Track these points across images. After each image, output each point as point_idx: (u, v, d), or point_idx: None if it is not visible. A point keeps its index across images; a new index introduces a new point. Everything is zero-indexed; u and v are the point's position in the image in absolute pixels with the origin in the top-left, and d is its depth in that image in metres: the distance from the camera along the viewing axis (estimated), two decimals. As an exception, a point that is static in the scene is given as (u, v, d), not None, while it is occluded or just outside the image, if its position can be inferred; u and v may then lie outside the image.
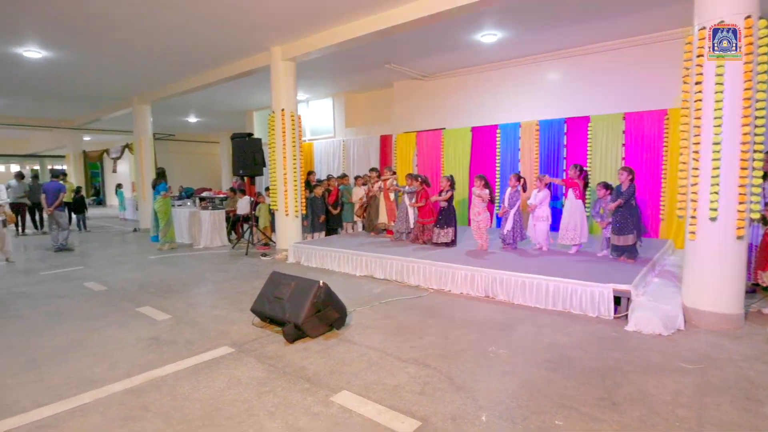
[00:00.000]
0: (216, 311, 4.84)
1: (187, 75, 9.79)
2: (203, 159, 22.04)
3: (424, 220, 7.07)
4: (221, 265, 7.33)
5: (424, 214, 7.10)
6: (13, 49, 7.63)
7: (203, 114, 15.48)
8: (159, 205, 8.88)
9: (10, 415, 2.80)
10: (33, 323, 4.56)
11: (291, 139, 7.74)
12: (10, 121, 15.17)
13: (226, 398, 2.96)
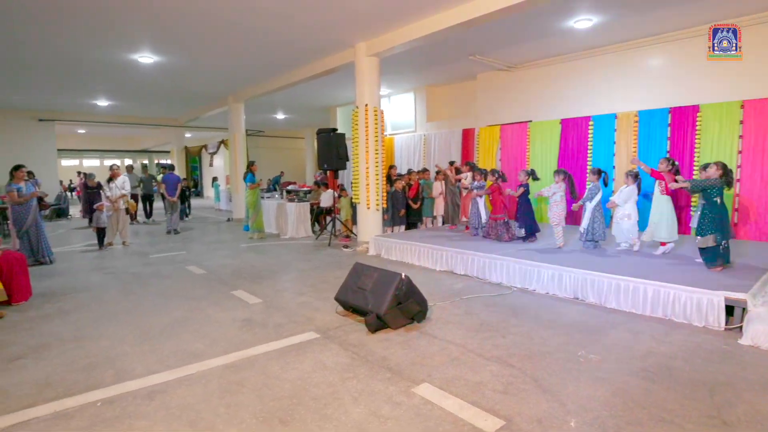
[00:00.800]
0: (302, 298, 5.08)
1: (277, 74, 10.33)
2: (289, 153, 23.19)
3: (496, 216, 6.93)
4: (305, 254, 7.68)
5: (496, 210, 6.94)
6: (131, 56, 8.55)
7: (290, 111, 16.27)
8: (246, 196, 9.51)
9: (129, 379, 3.16)
10: (145, 300, 5.10)
11: (374, 134, 7.88)
12: (125, 120, 17.10)
13: (313, 380, 3.10)
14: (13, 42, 7.61)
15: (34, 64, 9.13)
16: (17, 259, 5.12)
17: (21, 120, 14.71)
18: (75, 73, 9.97)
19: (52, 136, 15.66)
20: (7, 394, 2.96)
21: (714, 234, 4.80)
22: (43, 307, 4.85)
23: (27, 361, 3.48)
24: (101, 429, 2.55)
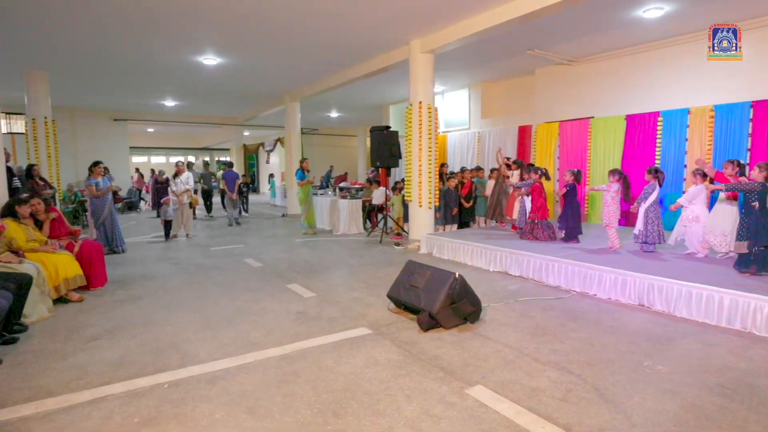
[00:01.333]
0: (354, 293, 5.13)
1: (331, 73, 10.50)
2: (341, 151, 23.55)
3: (534, 215, 6.74)
4: (357, 251, 7.76)
5: (535, 209, 6.75)
6: (197, 58, 9.00)
7: (343, 109, 16.52)
8: (297, 192, 9.74)
9: (193, 364, 3.33)
10: (206, 290, 5.36)
11: (427, 132, 7.82)
12: (189, 120, 18.06)
13: (365, 376, 3.12)
14: (94, 50, 8.23)
15: (112, 69, 9.83)
16: (95, 248, 5.53)
17: (99, 120, 15.91)
18: (147, 76, 10.64)
19: (125, 135, 16.83)
20: (87, 371, 3.21)
21: (749, 240, 4.53)
22: (116, 293, 5.21)
23: (103, 342, 3.75)
24: (168, 409, 2.69)
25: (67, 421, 2.59)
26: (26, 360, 3.41)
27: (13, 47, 7.64)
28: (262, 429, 2.51)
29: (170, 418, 2.60)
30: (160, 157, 31.09)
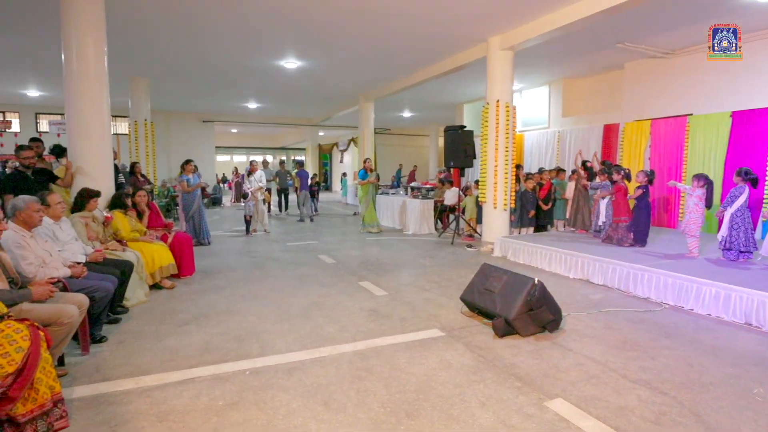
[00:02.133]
0: (425, 294, 5.08)
1: (406, 73, 10.52)
2: (413, 151, 23.56)
3: (619, 219, 6.29)
4: (429, 251, 7.70)
5: (619, 212, 6.31)
6: (278, 62, 9.42)
7: (416, 109, 16.50)
8: (358, 191, 9.85)
9: (271, 353, 3.47)
10: (283, 283, 5.57)
11: (504, 131, 7.57)
12: (269, 120, 18.99)
13: (438, 378, 3.06)
14: (189, 57, 8.91)
15: (203, 75, 10.59)
16: (186, 240, 5.97)
17: (189, 121, 17.22)
18: (233, 80, 11.33)
19: (212, 135, 18.08)
20: (177, 354, 3.45)
21: None
22: (203, 282, 5.59)
23: (191, 327, 4.03)
24: (250, 395, 2.82)
25: (161, 397, 2.80)
26: (127, 339, 3.74)
27: (121, 56, 8.46)
28: (337, 422, 2.54)
29: (251, 403, 2.72)
30: (241, 156, 33.04)
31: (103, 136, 5.48)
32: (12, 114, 14.71)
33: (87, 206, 4.73)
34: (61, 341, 2.91)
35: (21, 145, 5.69)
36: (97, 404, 2.71)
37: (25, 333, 2.33)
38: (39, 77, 10.99)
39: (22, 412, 2.22)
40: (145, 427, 2.48)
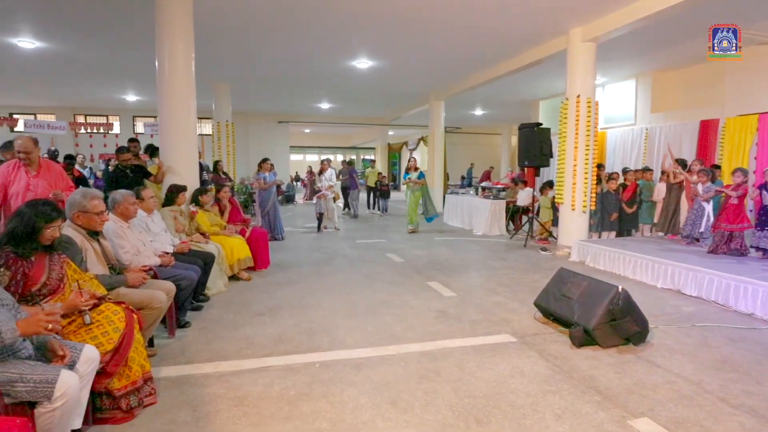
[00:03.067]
0: (496, 297, 4.91)
1: (479, 70, 10.26)
2: (484, 150, 23.02)
3: (730, 226, 5.56)
4: (499, 253, 7.45)
5: (729, 217, 5.57)
6: (351, 62, 9.58)
7: (488, 106, 16.08)
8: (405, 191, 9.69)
9: (340, 348, 3.51)
10: (352, 279, 5.65)
11: (585, 128, 7.13)
12: (340, 120, 19.44)
13: (510, 386, 2.93)
14: (267, 61, 9.34)
15: (280, 77, 11.07)
16: (261, 234, 6.26)
17: (266, 122, 18.08)
18: (308, 82, 11.73)
19: (287, 135, 18.85)
20: (252, 342, 3.61)
21: None
22: (276, 276, 5.81)
23: (265, 318, 4.20)
24: (319, 388, 2.87)
25: (237, 383, 2.93)
26: (208, 326, 3.98)
27: (206, 63, 9.04)
28: (404, 422, 2.51)
29: (320, 396, 2.77)
30: (313, 155, 34.19)
31: (190, 137, 5.89)
32: (114, 117, 16.32)
33: (176, 201, 5.10)
34: (151, 324, 3.15)
35: (120, 147, 6.29)
36: (181, 384, 2.90)
37: (122, 315, 2.54)
38: (136, 84, 12.10)
39: (117, 386, 2.42)
40: (222, 410, 2.61)
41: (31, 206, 2.41)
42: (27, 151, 3.88)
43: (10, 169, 3.94)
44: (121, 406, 2.44)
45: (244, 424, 2.47)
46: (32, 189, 3.88)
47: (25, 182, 3.90)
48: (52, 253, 2.47)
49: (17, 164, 3.96)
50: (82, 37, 7.82)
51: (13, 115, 13.90)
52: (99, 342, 2.35)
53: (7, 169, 3.94)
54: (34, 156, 3.95)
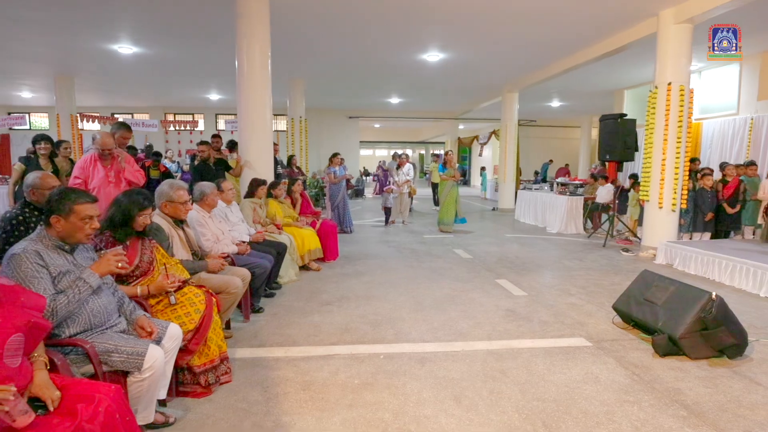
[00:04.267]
0: (570, 299, 4.65)
1: (557, 59, 9.73)
2: (560, 144, 21.89)
3: None
4: (575, 252, 7.05)
5: None
6: (421, 56, 9.50)
7: (566, 98, 15.23)
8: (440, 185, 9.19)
9: (405, 341, 3.52)
10: (418, 274, 5.63)
11: (677, 118, 6.51)
12: (410, 115, 19.40)
13: (583, 392, 2.76)
14: (339, 57, 9.54)
15: (351, 73, 11.26)
16: (331, 227, 6.43)
17: (336, 118, 18.50)
18: (378, 77, 11.82)
19: (357, 131, 19.18)
20: (320, 330, 3.72)
21: None
22: (344, 267, 5.95)
23: (333, 308, 4.31)
24: (383, 379, 2.89)
25: (306, 368, 3.04)
26: (279, 312, 4.16)
27: (282, 60, 9.42)
28: (467, 420, 2.46)
29: (384, 387, 2.79)
30: (383, 150, 34.55)
31: (266, 133, 6.18)
32: (199, 115, 17.57)
33: (256, 193, 5.39)
34: (228, 308, 3.35)
35: (201, 141, 6.75)
36: (253, 366, 3.06)
37: (202, 298, 2.73)
38: (218, 83, 12.92)
39: (197, 363, 2.61)
40: (291, 393, 2.71)
41: (126, 195, 2.65)
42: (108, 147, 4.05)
43: (88, 164, 4.11)
44: (201, 381, 2.62)
45: (309, 408, 2.56)
46: (111, 181, 4.07)
47: (103, 175, 4.08)
48: (144, 238, 2.71)
49: (93, 158, 4.12)
50: (172, 42, 8.48)
51: (114, 115, 15.43)
52: (182, 321, 2.54)
53: (84, 164, 4.11)
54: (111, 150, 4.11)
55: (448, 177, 8.84)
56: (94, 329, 2.08)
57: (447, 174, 8.86)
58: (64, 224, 2.04)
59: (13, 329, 1.57)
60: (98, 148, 4.05)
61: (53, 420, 1.51)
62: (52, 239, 2.06)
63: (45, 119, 16.66)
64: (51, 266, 1.99)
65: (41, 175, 2.97)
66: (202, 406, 2.56)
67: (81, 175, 4.06)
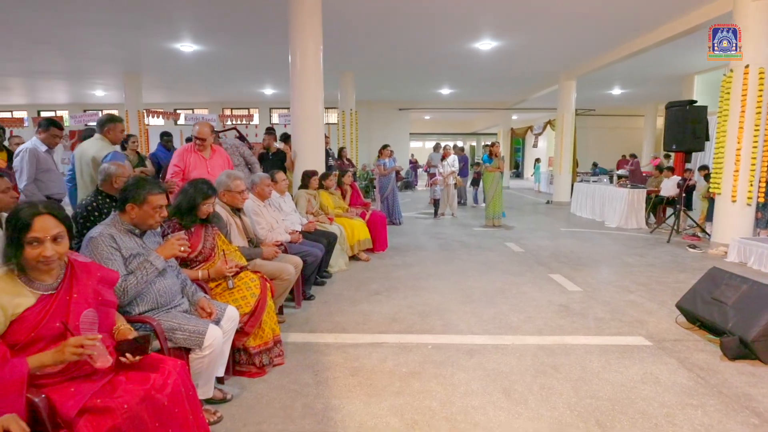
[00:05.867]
0: (630, 296, 4.43)
1: (620, 43, 9.21)
2: (621, 134, 20.72)
3: None
4: (636, 248, 6.69)
5: None
6: (473, 45, 9.30)
7: (629, 84, 14.38)
8: (484, 179, 8.84)
9: (453, 333, 3.50)
10: (468, 266, 5.56)
11: (755, 105, 5.98)
12: (461, 106, 19.07)
13: (640, 393, 2.63)
14: (389, 48, 9.53)
15: (402, 65, 11.22)
16: (380, 218, 6.48)
17: (386, 110, 18.51)
18: (429, 68, 11.71)
19: (407, 123, 19.11)
20: (368, 319, 3.78)
21: None
22: (393, 258, 5.98)
23: (381, 297, 4.36)
24: (430, 369, 2.90)
25: (355, 354, 3.10)
26: (329, 300, 4.27)
27: (334, 54, 9.54)
28: (516, 413, 2.42)
29: (432, 376, 2.80)
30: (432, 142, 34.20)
31: (318, 126, 6.31)
32: (254, 109, 18.20)
33: (310, 184, 5.54)
34: (282, 293, 3.48)
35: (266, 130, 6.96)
36: (305, 350, 3.17)
37: (258, 283, 2.85)
38: (272, 78, 13.30)
39: (253, 345, 2.74)
40: (340, 378, 2.78)
41: (192, 185, 2.81)
42: (204, 137, 4.22)
43: (186, 154, 4.29)
44: (255, 362, 2.75)
45: (358, 393, 2.61)
46: (210, 172, 4.16)
47: (203, 165, 4.25)
48: (207, 225, 2.86)
49: (191, 148, 4.31)
50: (229, 39, 8.82)
51: (176, 110, 16.29)
52: (239, 304, 2.66)
53: (183, 154, 4.30)
54: (208, 142, 4.30)
55: (494, 168, 8.57)
56: (159, 308, 2.23)
57: (493, 165, 8.59)
58: (137, 212, 2.20)
59: (86, 305, 1.72)
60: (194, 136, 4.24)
61: (127, 383, 1.64)
62: (125, 224, 2.22)
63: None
64: (123, 249, 2.16)
65: (118, 165, 3.20)
66: (256, 385, 2.68)
67: (180, 164, 4.25)
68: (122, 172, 3.11)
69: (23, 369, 1.48)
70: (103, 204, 3.01)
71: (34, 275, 1.65)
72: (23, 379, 1.46)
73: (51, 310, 1.63)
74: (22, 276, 1.64)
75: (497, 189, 8.55)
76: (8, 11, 7.07)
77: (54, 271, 1.69)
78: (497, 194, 8.56)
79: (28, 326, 1.59)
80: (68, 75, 12.71)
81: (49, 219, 1.63)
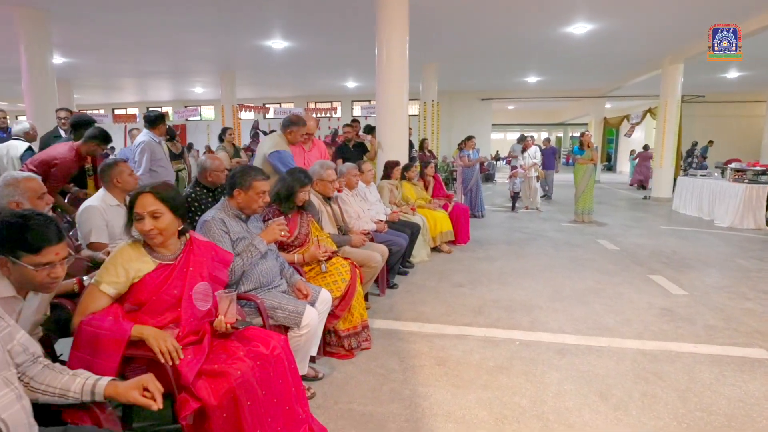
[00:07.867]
0: (747, 303, 3.96)
1: (739, 18, 8.14)
2: (737, 123, 18.44)
3: None
4: (754, 251, 5.95)
5: None
6: (564, 29, 8.73)
7: (750, 66, 12.70)
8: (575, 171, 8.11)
9: (542, 330, 3.37)
10: (556, 263, 5.30)
11: None
12: (549, 95, 18.12)
13: (763, 410, 2.35)
14: (473, 37, 9.27)
15: (485, 53, 10.87)
16: (463, 211, 6.39)
17: (468, 100, 18.09)
18: (514, 55, 11.22)
19: (490, 113, 18.55)
20: (453, 311, 3.75)
21: None
22: (476, 251, 5.87)
23: (465, 290, 4.30)
24: (519, 365, 2.82)
25: (440, 345, 3.10)
26: (412, 290, 4.30)
27: (418, 46, 9.47)
28: (615, 419, 2.27)
29: (520, 373, 2.72)
30: (515, 133, 32.94)
31: (402, 117, 6.35)
32: (336, 102, 18.73)
33: (392, 174, 5.61)
34: (369, 280, 3.57)
35: (346, 124, 7.17)
36: (390, 337, 3.22)
37: (348, 268, 2.95)
38: (355, 71, 13.56)
39: (342, 328, 2.84)
40: (426, 366, 2.80)
41: (290, 173, 2.97)
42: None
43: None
44: (344, 345, 2.85)
45: (444, 383, 2.61)
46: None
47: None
48: (303, 212, 3.01)
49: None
50: (317, 35, 9.14)
51: (265, 105, 17.25)
52: (330, 288, 2.78)
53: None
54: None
55: (586, 160, 7.99)
56: (262, 288, 2.39)
57: (584, 157, 8.01)
58: (244, 197, 2.38)
59: (200, 278, 1.89)
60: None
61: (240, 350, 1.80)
62: (233, 209, 2.41)
63: (211, 110, 19.39)
64: (231, 232, 2.34)
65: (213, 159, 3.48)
66: (345, 366, 2.78)
67: None
68: (217, 165, 3.38)
69: (126, 332, 1.66)
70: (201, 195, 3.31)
71: (154, 246, 1.86)
72: (124, 340, 1.65)
73: (169, 278, 1.83)
74: (146, 246, 1.87)
75: (589, 183, 7.99)
76: (122, 20, 7.92)
77: (170, 244, 1.89)
78: (588, 188, 8.01)
79: (149, 289, 1.81)
80: (172, 74, 14.02)
81: (149, 197, 1.82)
